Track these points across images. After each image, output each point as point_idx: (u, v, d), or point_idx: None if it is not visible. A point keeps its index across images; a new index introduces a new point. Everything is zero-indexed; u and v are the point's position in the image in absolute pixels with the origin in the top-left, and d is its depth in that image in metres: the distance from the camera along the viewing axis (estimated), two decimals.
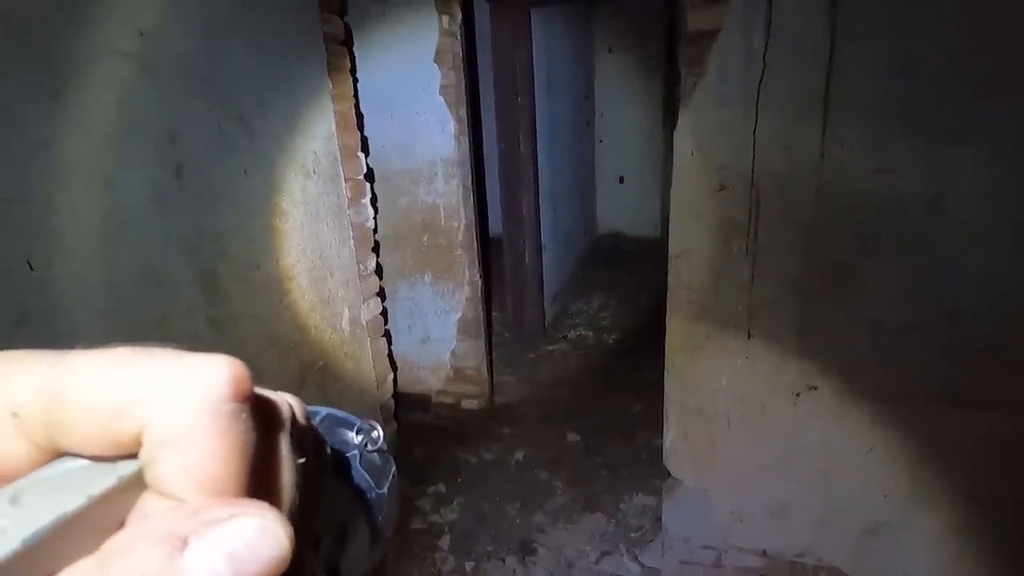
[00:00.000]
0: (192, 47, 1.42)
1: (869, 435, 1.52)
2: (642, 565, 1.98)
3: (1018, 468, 1.43)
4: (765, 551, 1.73)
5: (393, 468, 0.31)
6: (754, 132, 1.39)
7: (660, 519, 1.87)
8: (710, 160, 1.45)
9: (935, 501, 1.52)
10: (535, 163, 3.27)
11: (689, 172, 1.48)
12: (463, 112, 2.48)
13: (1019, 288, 1.31)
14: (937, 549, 1.56)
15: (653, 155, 5.07)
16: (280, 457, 0.19)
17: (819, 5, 1.27)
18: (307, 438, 0.22)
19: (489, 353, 2.93)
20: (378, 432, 0.31)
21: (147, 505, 0.16)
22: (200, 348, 0.17)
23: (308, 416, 0.22)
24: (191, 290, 1.44)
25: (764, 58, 1.34)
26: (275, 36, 1.70)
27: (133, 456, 0.16)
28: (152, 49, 1.30)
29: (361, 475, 0.29)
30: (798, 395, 1.54)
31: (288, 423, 0.20)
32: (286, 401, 0.20)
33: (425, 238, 2.64)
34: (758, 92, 1.36)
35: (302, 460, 0.20)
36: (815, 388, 1.52)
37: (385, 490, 0.30)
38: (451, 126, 2.44)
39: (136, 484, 0.16)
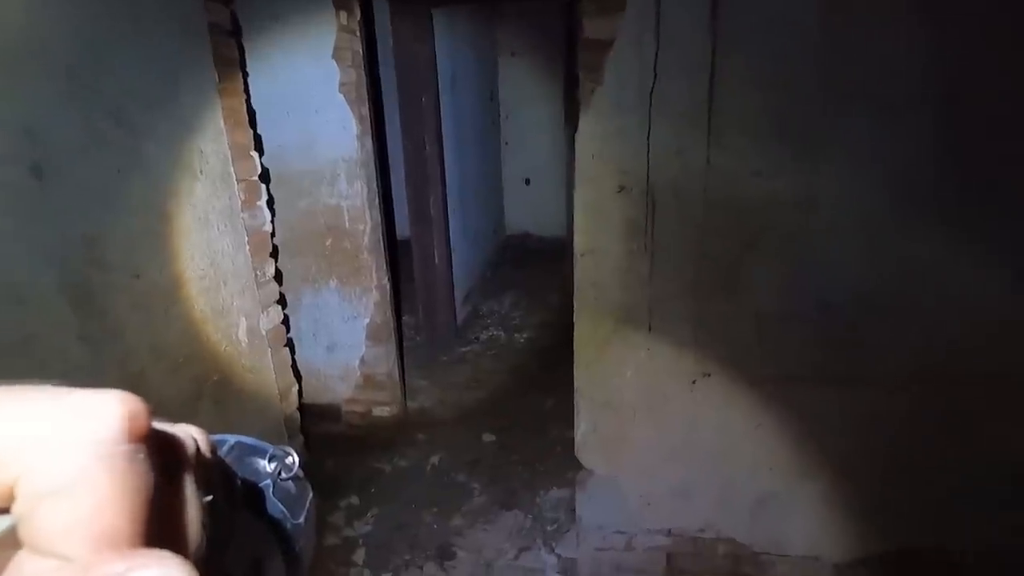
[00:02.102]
0: (50, 31, 1.26)
1: (757, 415, 1.67)
2: (559, 556, 2.03)
3: (878, 436, 1.63)
4: (670, 530, 1.84)
5: (310, 495, 0.30)
6: (648, 138, 1.48)
7: (575, 510, 1.93)
8: (610, 164, 1.52)
9: (813, 470, 1.70)
10: (442, 163, 3.24)
11: (591, 175, 1.54)
12: (365, 111, 2.41)
13: (875, 278, 1.50)
14: (816, 513, 1.74)
15: (558, 157, 5.22)
16: (184, 497, 0.17)
17: (702, 18, 1.38)
18: (214, 472, 0.20)
19: (400, 358, 2.87)
20: (293, 458, 0.29)
21: (21, 566, 0.14)
22: (72, 369, 0.15)
23: (214, 448, 0.21)
24: (59, 304, 1.28)
25: (655, 68, 1.42)
26: (154, 23, 1.56)
27: (3, 511, 0.14)
28: None
29: (275, 506, 0.28)
30: (694, 382, 1.66)
31: (192, 459, 0.18)
32: (189, 434, 0.19)
33: (329, 242, 2.53)
34: (651, 100, 1.45)
35: (209, 498, 0.18)
36: (709, 375, 1.65)
37: (302, 520, 0.29)
38: (353, 125, 2.36)
39: (7, 543, 0.14)
